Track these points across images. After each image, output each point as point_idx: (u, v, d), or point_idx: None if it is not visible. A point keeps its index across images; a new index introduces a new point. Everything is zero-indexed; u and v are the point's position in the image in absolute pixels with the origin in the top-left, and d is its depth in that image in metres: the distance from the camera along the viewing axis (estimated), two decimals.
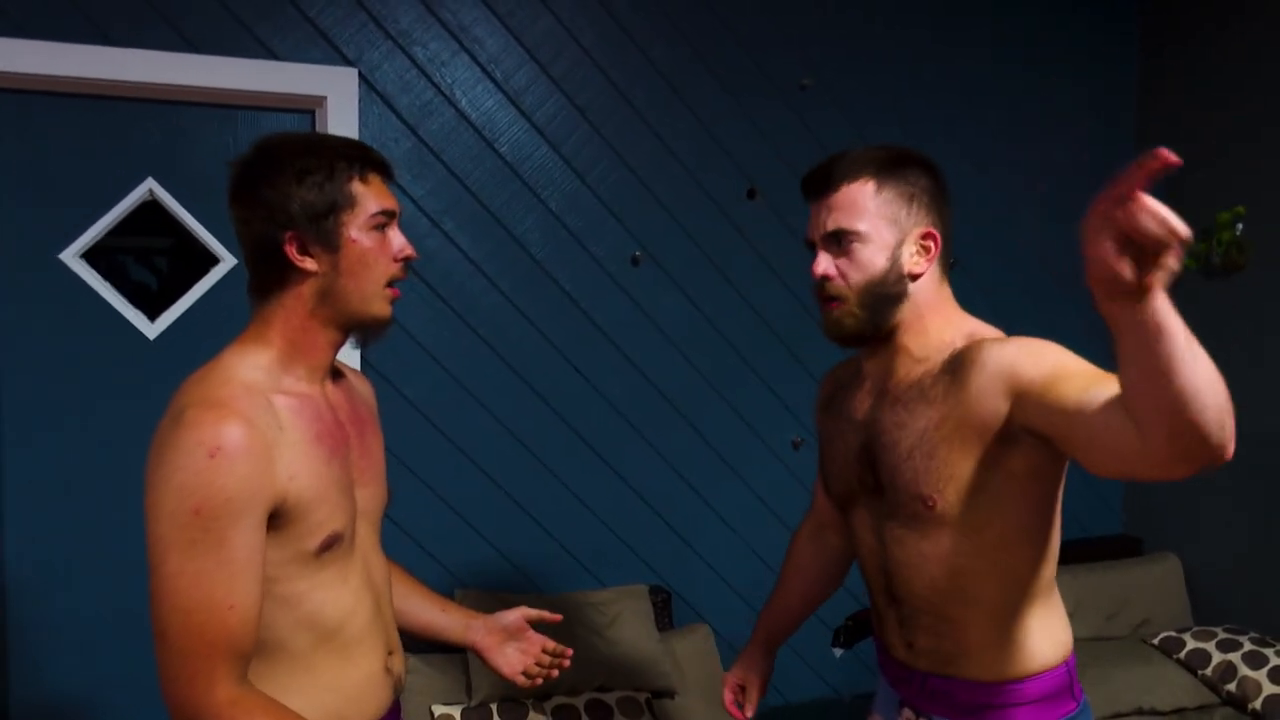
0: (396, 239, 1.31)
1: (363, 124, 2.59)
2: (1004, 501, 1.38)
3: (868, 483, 1.52)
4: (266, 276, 1.27)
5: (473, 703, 2.43)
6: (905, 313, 1.45)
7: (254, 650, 1.18)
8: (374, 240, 1.28)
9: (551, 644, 1.63)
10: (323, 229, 1.25)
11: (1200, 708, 2.92)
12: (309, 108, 2.60)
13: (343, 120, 2.56)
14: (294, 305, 1.27)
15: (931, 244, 1.45)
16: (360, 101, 2.59)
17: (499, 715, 2.39)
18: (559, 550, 2.85)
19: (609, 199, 2.84)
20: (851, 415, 1.56)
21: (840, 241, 1.43)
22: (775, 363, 3.06)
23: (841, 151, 1.48)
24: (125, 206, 2.47)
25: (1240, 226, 3.11)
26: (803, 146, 3.02)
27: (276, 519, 1.20)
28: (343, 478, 1.29)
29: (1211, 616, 3.27)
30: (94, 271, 2.46)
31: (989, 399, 1.33)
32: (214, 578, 1.13)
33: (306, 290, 1.26)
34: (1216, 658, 2.97)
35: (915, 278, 1.45)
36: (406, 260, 1.32)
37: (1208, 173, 3.30)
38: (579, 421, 2.86)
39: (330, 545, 1.26)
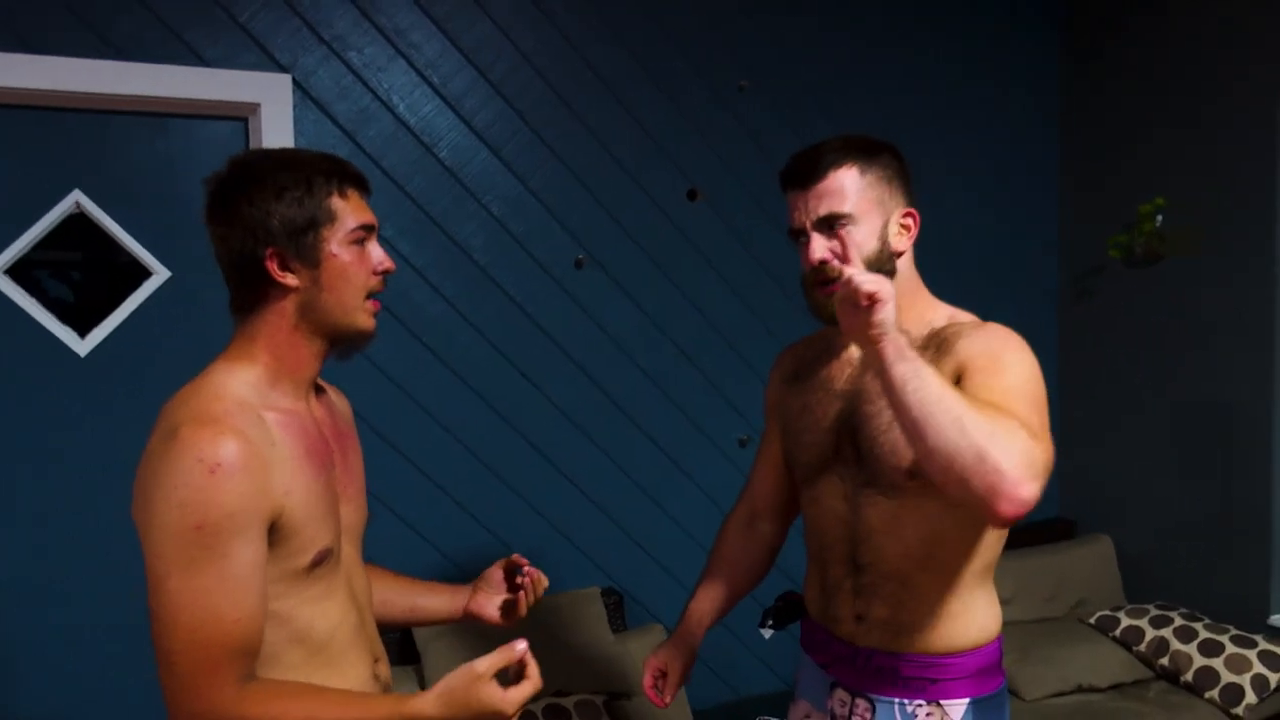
0: (375, 252, 1.32)
1: (298, 131, 2.55)
2: None
3: (845, 451, 1.56)
4: (248, 293, 1.28)
5: None
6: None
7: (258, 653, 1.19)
8: (353, 255, 1.29)
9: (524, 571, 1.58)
10: (303, 244, 1.25)
11: (1136, 682, 3.04)
12: (242, 115, 2.54)
13: (277, 128, 2.51)
14: (277, 321, 1.27)
15: (911, 222, 1.56)
16: (295, 108, 2.54)
17: None
18: (507, 554, 2.83)
19: (551, 202, 2.83)
20: (829, 385, 1.61)
21: (833, 225, 1.48)
22: (719, 362, 3.08)
23: (817, 143, 1.53)
24: (51, 220, 2.39)
25: (1160, 218, 3.23)
26: (741, 147, 3.06)
27: (271, 535, 1.20)
28: (329, 493, 1.30)
29: (1143, 594, 3.40)
30: (19, 288, 2.37)
31: (955, 366, 1.44)
32: (218, 593, 1.13)
33: (289, 305, 1.27)
34: (1150, 634, 3.08)
35: (899, 255, 1.54)
36: (385, 273, 1.33)
37: (1129, 165, 3.42)
38: (526, 426, 2.85)
39: (320, 561, 1.27)
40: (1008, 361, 1.41)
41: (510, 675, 1.22)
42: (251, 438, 1.18)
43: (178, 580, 1.13)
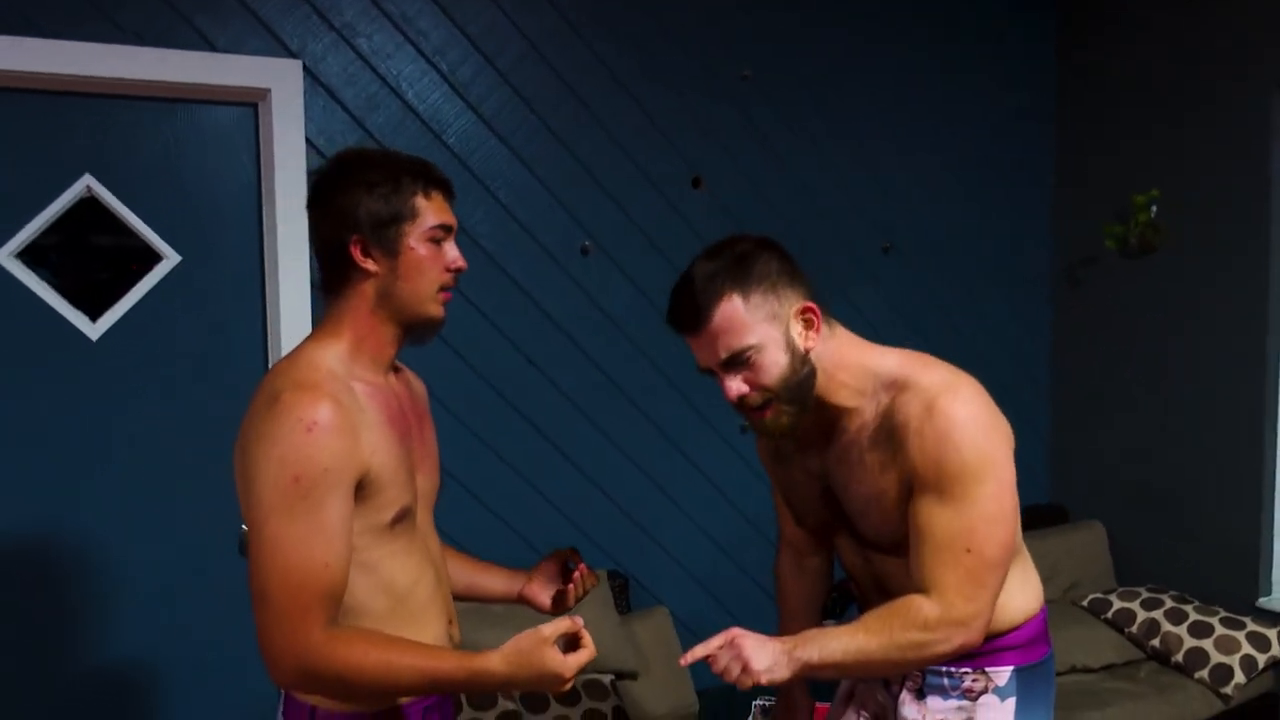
0: (450, 251, 1.43)
1: (308, 117, 2.56)
2: None
3: (840, 520, 1.63)
4: (335, 275, 1.40)
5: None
6: (819, 381, 1.50)
7: (342, 602, 1.30)
8: (429, 250, 1.40)
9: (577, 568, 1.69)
10: (385, 236, 1.37)
11: (1128, 663, 3.10)
12: (252, 100, 2.55)
13: (288, 113, 2.52)
14: (359, 303, 1.40)
15: (811, 315, 1.49)
16: (305, 94, 2.55)
17: (468, 704, 2.41)
18: (515, 539, 2.86)
19: (557, 190, 2.86)
20: (806, 467, 1.64)
21: (739, 361, 1.46)
22: None
23: (688, 275, 1.48)
24: (62, 204, 2.39)
25: (1155, 208, 3.29)
26: (744, 136, 3.09)
27: (359, 491, 1.31)
28: (408, 460, 1.42)
29: (1134, 578, 3.46)
30: (31, 272, 2.38)
31: (910, 468, 1.46)
32: (312, 540, 1.25)
33: (369, 289, 1.39)
34: (1141, 616, 3.15)
35: (809, 351, 1.49)
36: (457, 271, 1.44)
37: (1123, 157, 3.48)
38: (532, 411, 2.88)
39: (401, 519, 1.39)
40: (957, 492, 1.42)
41: (566, 643, 1.30)
42: (344, 403, 1.29)
43: (275, 527, 1.24)
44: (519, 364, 2.85)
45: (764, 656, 1.39)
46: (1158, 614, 3.13)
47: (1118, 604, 3.22)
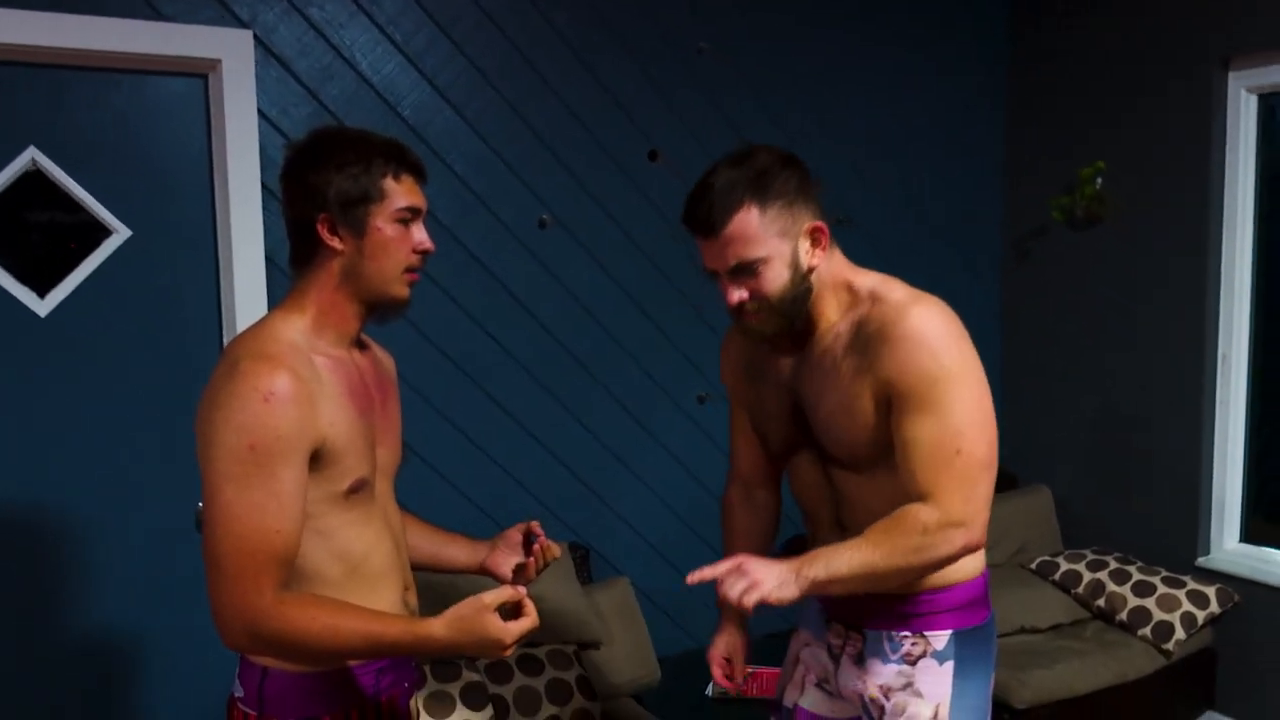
0: (418, 233, 1.46)
1: (261, 88, 2.52)
2: None
3: (805, 435, 1.65)
4: (303, 250, 1.44)
5: None
6: (812, 297, 1.57)
7: (293, 569, 1.34)
8: (396, 231, 1.43)
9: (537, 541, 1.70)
10: (352, 215, 1.40)
11: (1074, 623, 3.21)
12: (202, 71, 2.50)
13: (239, 84, 2.48)
14: (324, 279, 1.43)
15: (819, 235, 1.54)
16: (257, 65, 2.50)
17: (432, 676, 2.42)
18: (476, 513, 2.87)
19: (514, 162, 2.85)
20: (776, 378, 1.67)
21: (745, 271, 1.51)
22: (679, 321, 3.14)
23: (708, 180, 1.51)
24: (6, 178, 2.33)
25: (1100, 180, 3.36)
26: (701, 109, 3.10)
27: (315, 461, 1.35)
28: (368, 432, 1.45)
29: (1080, 540, 3.57)
30: None
31: (886, 378, 1.49)
32: (265, 507, 1.29)
33: (335, 266, 1.42)
34: (1087, 577, 3.25)
35: (813, 270, 1.55)
36: (424, 253, 1.47)
37: (1071, 130, 3.54)
38: (490, 384, 2.88)
39: (358, 489, 1.42)
40: (936, 397, 1.46)
41: (508, 611, 1.34)
42: (302, 375, 1.33)
43: (231, 493, 1.28)
44: (477, 337, 2.84)
45: (772, 576, 1.41)
46: (1103, 575, 3.23)
47: (1064, 566, 3.32)
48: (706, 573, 1.42)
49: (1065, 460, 3.65)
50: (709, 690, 2.80)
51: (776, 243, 1.50)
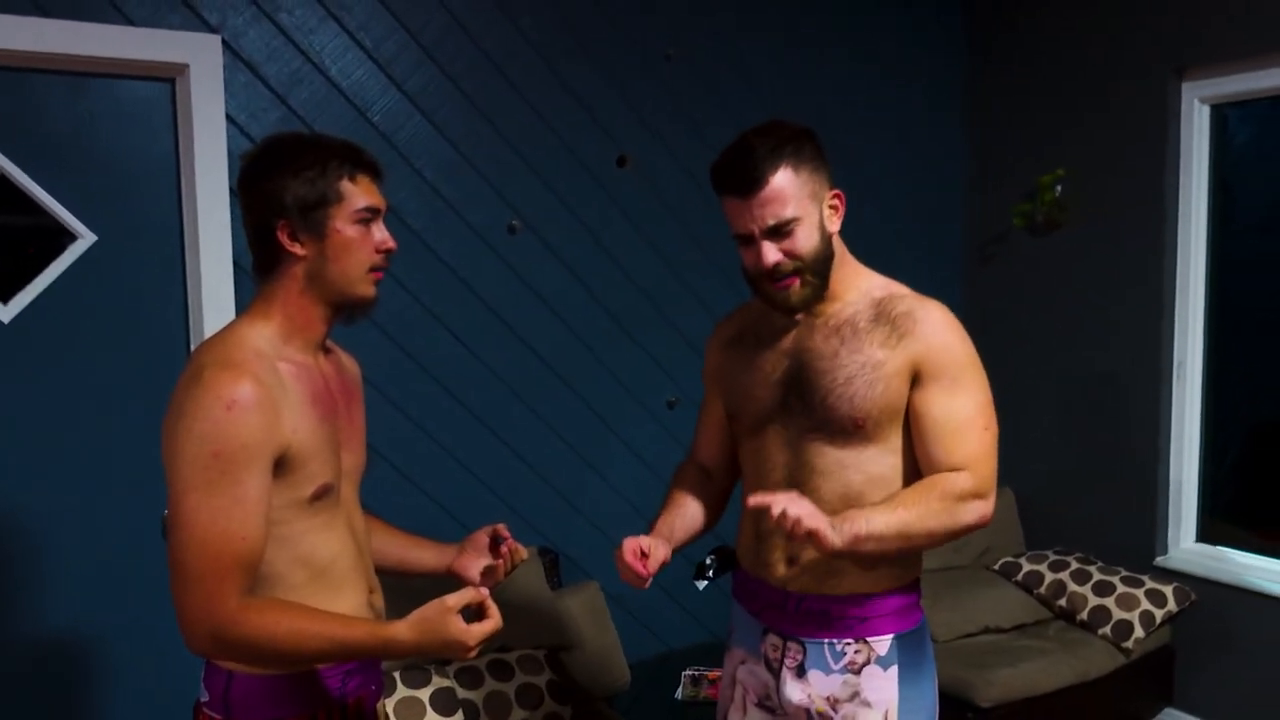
0: (379, 232, 1.46)
1: (229, 93, 2.51)
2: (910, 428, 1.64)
3: (792, 403, 1.67)
4: (265, 258, 1.44)
5: None
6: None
7: (257, 574, 1.34)
8: (357, 232, 1.43)
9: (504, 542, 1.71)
10: (311, 219, 1.41)
11: (1037, 622, 3.26)
12: (169, 76, 2.49)
13: (207, 90, 2.47)
14: (289, 285, 1.43)
15: (838, 202, 1.66)
16: (225, 70, 2.50)
17: (402, 681, 2.42)
18: (445, 518, 2.87)
19: (484, 168, 2.86)
20: (776, 343, 1.71)
21: (780, 231, 1.58)
22: (649, 326, 3.17)
23: (745, 143, 1.59)
24: None
25: (1060, 188, 3.43)
26: (668, 115, 3.13)
27: (279, 467, 1.36)
28: (332, 438, 1.46)
29: (1042, 541, 3.63)
30: None
31: (921, 353, 1.61)
32: (229, 513, 1.30)
33: (298, 272, 1.43)
34: (1049, 577, 3.31)
35: (834, 235, 1.66)
36: (387, 252, 1.47)
37: (1030, 137, 3.61)
38: (461, 389, 2.89)
39: (322, 495, 1.43)
40: (966, 378, 1.61)
41: (472, 614, 1.35)
42: (265, 382, 1.34)
43: (194, 500, 1.29)
44: (447, 342, 2.85)
45: (823, 520, 1.48)
46: (1064, 575, 3.29)
47: (1027, 566, 3.38)
48: (766, 498, 1.49)
49: (1027, 463, 3.71)
50: (678, 693, 2.82)
51: (808, 204, 1.59)
